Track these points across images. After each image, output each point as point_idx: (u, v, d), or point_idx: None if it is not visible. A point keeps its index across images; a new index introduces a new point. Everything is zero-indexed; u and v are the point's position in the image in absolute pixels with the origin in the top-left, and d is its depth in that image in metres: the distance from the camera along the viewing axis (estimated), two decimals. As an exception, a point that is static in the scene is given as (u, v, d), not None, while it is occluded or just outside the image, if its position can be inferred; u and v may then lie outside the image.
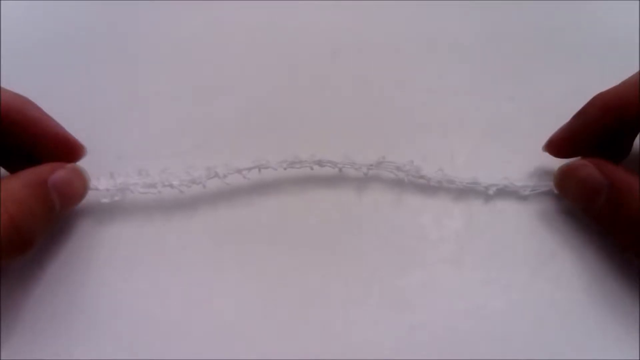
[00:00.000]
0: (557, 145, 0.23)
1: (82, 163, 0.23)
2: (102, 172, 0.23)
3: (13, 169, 0.23)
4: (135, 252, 0.23)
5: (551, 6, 0.32)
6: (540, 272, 0.22)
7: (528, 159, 0.25)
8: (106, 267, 0.22)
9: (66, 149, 0.22)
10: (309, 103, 0.28)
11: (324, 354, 0.20)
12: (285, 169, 0.24)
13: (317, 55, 0.30)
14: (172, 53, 0.30)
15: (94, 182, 0.23)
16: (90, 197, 0.23)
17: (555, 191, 0.23)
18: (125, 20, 0.32)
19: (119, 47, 0.31)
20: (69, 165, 0.22)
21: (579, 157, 0.23)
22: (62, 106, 0.23)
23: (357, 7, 0.32)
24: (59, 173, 0.20)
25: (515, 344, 0.21)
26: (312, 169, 0.24)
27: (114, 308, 0.21)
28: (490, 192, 0.24)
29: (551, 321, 0.21)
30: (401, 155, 0.24)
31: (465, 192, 0.24)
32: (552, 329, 0.21)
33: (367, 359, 0.20)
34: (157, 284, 0.22)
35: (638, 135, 0.23)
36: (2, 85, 0.21)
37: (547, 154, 0.24)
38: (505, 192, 0.24)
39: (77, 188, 0.22)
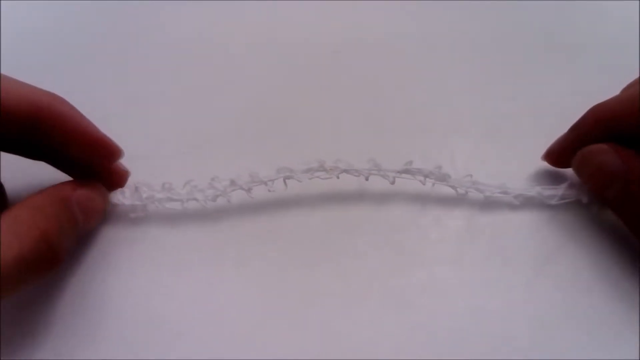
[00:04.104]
0: (555, 156, 0.24)
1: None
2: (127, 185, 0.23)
3: (64, 168, 0.23)
4: (138, 253, 0.23)
5: (551, 6, 0.32)
6: (540, 272, 0.22)
7: (528, 159, 0.25)
8: (108, 268, 0.22)
9: (101, 150, 0.21)
10: (309, 103, 0.28)
11: (324, 354, 0.20)
12: (310, 179, 0.23)
13: (317, 55, 0.30)
14: (172, 53, 0.30)
15: (119, 197, 0.23)
16: (116, 210, 0.23)
17: (584, 200, 0.23)
18: (125, 20, 0.32)
19: (119, 47, 0.31)
20: (91, 183, 0.22)
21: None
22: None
23: (357, 7, 0.32)
24: (81, 190, 0.21)
25: (515, 344, 0.21)
26: (338, 177, 0.23)
27: (115, 308, 0.21)
28: (517, 202, 0.23)
29: (551, 321, 0.21)
30: (401, 156, 0.24)
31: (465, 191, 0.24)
32: (552, 329, 0.21)
33: (367, 359, 0.20)
34: (159, 285, 0.22)
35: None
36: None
37: (546, 154, 0.24)
38: (510, 197, 0.24)
39: (98, 205, 0.22)
